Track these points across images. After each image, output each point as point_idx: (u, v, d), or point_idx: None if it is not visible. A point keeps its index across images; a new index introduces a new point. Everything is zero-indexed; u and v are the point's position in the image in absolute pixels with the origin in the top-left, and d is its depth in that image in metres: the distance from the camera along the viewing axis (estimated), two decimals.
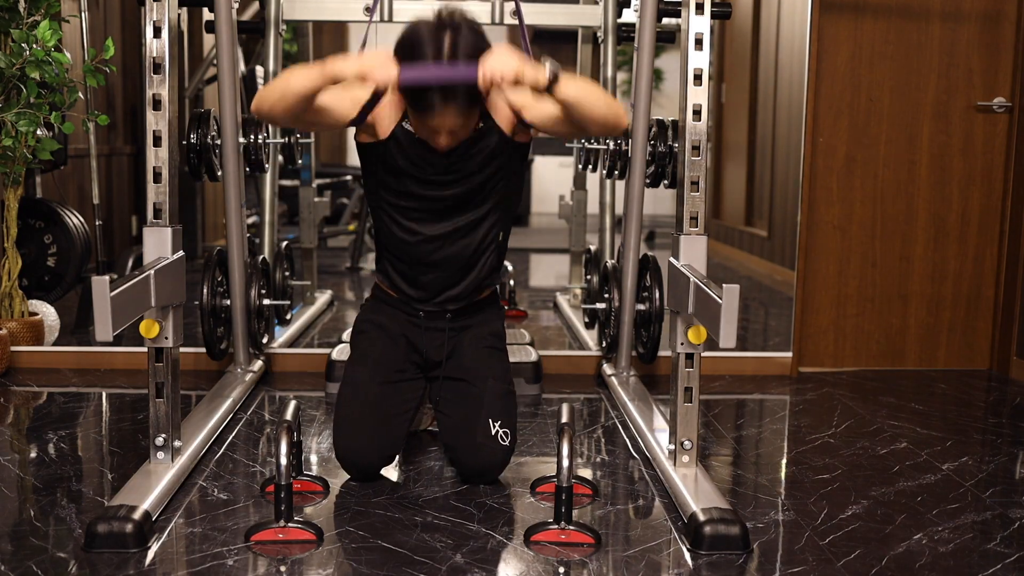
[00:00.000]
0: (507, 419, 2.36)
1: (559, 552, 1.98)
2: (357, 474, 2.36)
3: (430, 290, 2.43)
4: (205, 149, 3.16)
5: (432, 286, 2.42)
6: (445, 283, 2.42)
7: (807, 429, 2.93)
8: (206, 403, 2.85)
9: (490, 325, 2.49)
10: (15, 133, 3.28)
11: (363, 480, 2.36)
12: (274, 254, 3.62)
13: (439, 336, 2.45)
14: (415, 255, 2.39)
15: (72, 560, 1.91)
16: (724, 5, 3.02)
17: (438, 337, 2.45)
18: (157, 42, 2.44)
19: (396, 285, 2.46)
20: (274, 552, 1.95)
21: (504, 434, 2.34)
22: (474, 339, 2.45)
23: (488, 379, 2.39)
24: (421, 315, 2.44)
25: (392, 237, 2.40)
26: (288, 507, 2.00)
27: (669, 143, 3.16)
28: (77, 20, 4.18)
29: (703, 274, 2.31)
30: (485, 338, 2.46)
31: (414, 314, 2.45)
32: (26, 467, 2.47)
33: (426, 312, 2.44)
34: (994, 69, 3.59)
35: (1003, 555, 2.03)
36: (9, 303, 3.50)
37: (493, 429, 2.33)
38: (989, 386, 3.52)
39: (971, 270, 3.68)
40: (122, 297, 1.95)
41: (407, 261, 2.41)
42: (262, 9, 3.71)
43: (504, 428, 2.34)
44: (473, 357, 2.43)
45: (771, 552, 2.02)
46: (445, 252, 2.38)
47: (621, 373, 3.25)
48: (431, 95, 2.10)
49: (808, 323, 3.66)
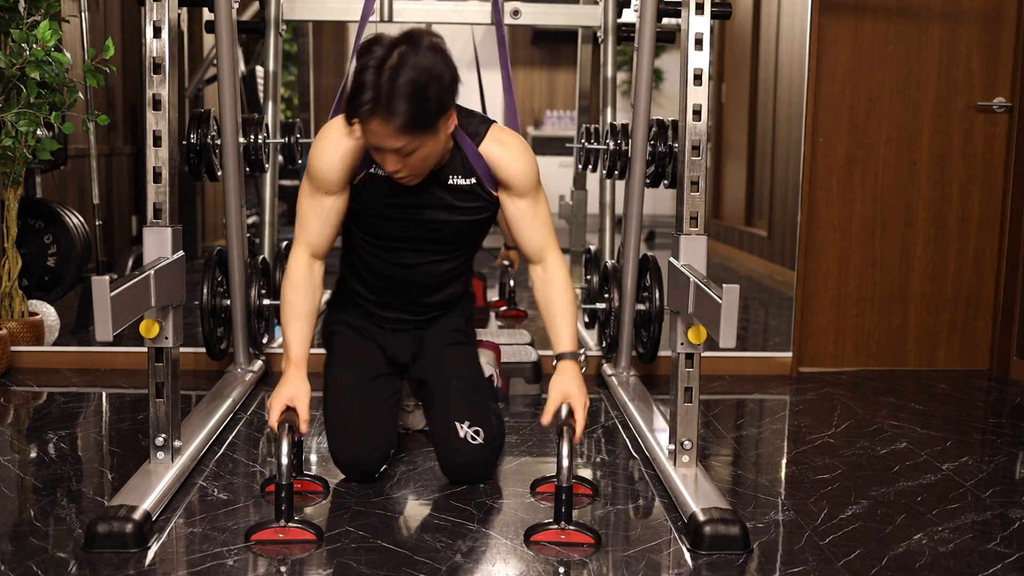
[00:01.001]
0: (476, 416, 2.34)
1: (559, 552, 1.98)
2: (358, 476, 2.36)
3: (395, 306, 2.44)
4: (205, 149, 3.16)
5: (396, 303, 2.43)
6: (411, 300, 2.43)
7: (807, 429, 2.93)
8: (206, 403, 2.85)
9: (453, 320, 2.49)
10: (15, 133, 3.28)
11: (363, 481, 2.36)
12: (274, 254, 3.61)
13: (403, 337, 2.46)
14: (382, 271, 2.39)
15: (72, 560, 1.90)
16: (724, 5, 3.02)
17: (402, 338, 2.46)
18: (157, 42, 2.43)
19: (359, 293, 2.46)
20: (274, 552, 1.95)
21: (475, 433, 2.32)
22: (437, 336, 2.46)
23: (451, 379, 2.39)
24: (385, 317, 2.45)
25: (357, 249, 2.40)
26: (289, 507, 2.00)
27: (669, 143, 3.16)
28: (77, 20, 4.18)
29: (703, 274, 2.31)
30: (448, 334, 2.46)
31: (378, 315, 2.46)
32: (26, 467, 2.47)
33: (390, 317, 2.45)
34: (994, 69, 3.59)
35: (1003, 555, 2.03)
36: (9, 303, 3.50)
37: (461, 431, 2.32)
38: (989, 386, 3.52)
39: (971, 270, 3.68)
40: (122, 297, 1.95)
41: (374, 274, 2.41)
42: (262, 9, 3.70)
43: (474, 427, 2.32)
44: (436, 356, 2.43)
45: (771, 552, 2.02)
46: (411, 274, 2.38)
47: (621, 373, 3.25)
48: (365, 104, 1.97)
49: (808, 323, 3.66)
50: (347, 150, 2.20)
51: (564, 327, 2.28)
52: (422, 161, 2.11)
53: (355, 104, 1.98)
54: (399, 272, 2.37)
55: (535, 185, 2.29)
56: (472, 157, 2.24)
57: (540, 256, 2.33)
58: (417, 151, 2.06)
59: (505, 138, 2.27)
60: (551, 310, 2.30)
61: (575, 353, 2.24)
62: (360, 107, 1.97)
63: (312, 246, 2.29)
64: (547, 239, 2.32)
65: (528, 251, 2.34)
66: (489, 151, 2.24)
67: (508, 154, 2.25)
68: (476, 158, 2.24)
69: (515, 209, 2.30)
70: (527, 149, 2.29)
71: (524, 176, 2.26)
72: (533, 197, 2.29)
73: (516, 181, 2.26)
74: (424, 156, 2.09)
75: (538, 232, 2.31)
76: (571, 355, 2.24)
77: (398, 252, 2.34)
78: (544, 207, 2.32)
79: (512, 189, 2.27)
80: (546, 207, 2.33)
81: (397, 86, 1.95)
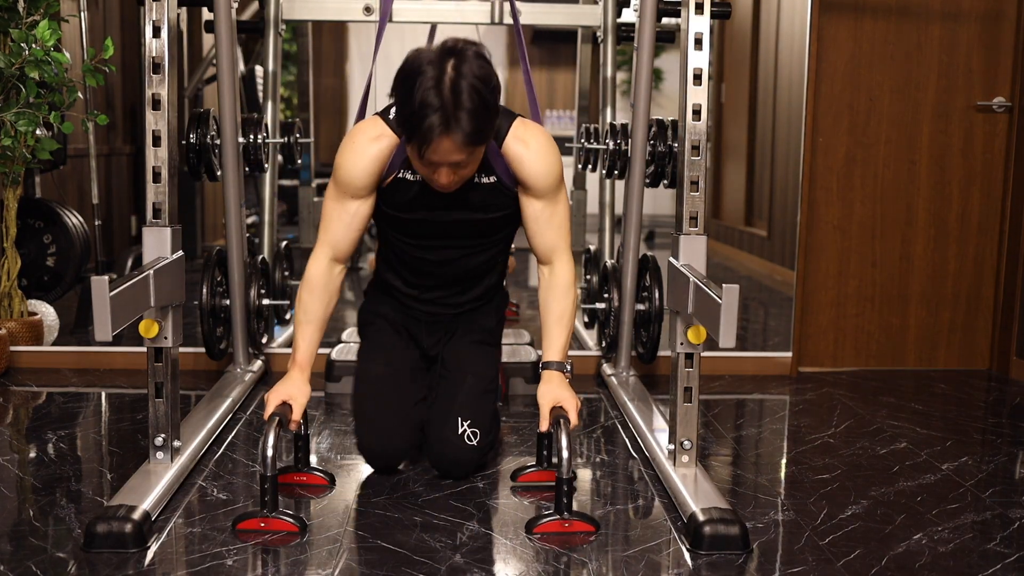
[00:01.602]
0: (478, 419, 2.35)
1: (563, 541, 1.99)
2: (381, 465, 2.40)
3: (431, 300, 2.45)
4: (204, 149, 3.16)
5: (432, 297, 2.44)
6: (446, 294, 2.44)
7: (807, 429, 2.92)
8: (205, 403, 2.85)
9: (483, 319, 2.49)
10: (14, 133, 3.27)
11: (386, 471, 2.40)
12: (274, 254, 3.61)
13: (439, 331, 2.47)
14: (417, 267, 2.40)
15: (71, 560, 1.90)
16: (724, 5, 3.02)
17: (437, 332, 2.47)
18: (156, 42, 2.43)
19: (396, 287, 2.47)
20: (257, 542, 1.95)
21: (472, 434, 2.33)
22: (464, 332, 2.47)
23: (468, 375, 2.40)
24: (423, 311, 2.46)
25: (391, 245, 2.41)
26: (273, 498, 2.03)
27: (669, 143, 3.16)
28: (76, 20, 4.17)
29: (703, 274, 2.31)
30: (475, 332, 2.47)
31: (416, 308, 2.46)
32: (26, 467, 2.47)
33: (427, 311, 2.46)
34: (994, 69, 3.59)
35: (1003, 555, 2.03)
36: (8, 303, 3.50)
37: (460, 428, 2.33)
38: (989, 386, 3.51)
39: (971, 270, 3.68)
40: (121, 297, 1.95)
41: (409, 269, 2.42)
42: (262, 9, 3.70)
43: (473, 428, 2.33)
44: (458, 351, 2.45)
45: (771, 552, 2.01)
46: (446, 270, 2.39)
47: (621, 373, 3.25)
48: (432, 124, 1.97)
49: (808, 323, 3.66)
50: (376, 155, 2.20)
51: (556, 335, 2.29)
52: (472, 170, 2.13)
53: (423, 127, 1.96)
54: (434, 268, 2.38)
55: (555, 187, 2.26)
56: (492, 156, 2.22)
57: (548, 258, 2.33)
58: (472, 162, 2.09)
59: (529, 136, 2.23)
60: (547, 316, 2.32)
61: (561, 364, 2.27)
62: (431, 130, 1.96)
63: (335, 249, 2.29)
64: (558, 242, 2.31)
65: (537, 252, 2.33)
66: (510, 151, 2.22)
67: (529, 154, 2.22)
68: (496, 157, 2.22)
69: (531, 209, 2.29)
70: (550, 148, 2.25)
71: (543, 178, 2.24)
72: (551, 199, 2.27)
73: (535, 182, 2.24)
74: (475, 164, 2.11)
75: (551, 235, 2.30)
76: (557, 365, 2.27)
77: (430, 249, 2.35)
78: (562, 209, 2.29)
79: (530, 190, 2.26)
80: (564, 209, 2.30)
81: (461, 102, 1.95)
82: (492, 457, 2.52)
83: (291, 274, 3.72)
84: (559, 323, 2.29)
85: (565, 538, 2.03)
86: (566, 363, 2.27)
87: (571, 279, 2.32)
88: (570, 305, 2.31)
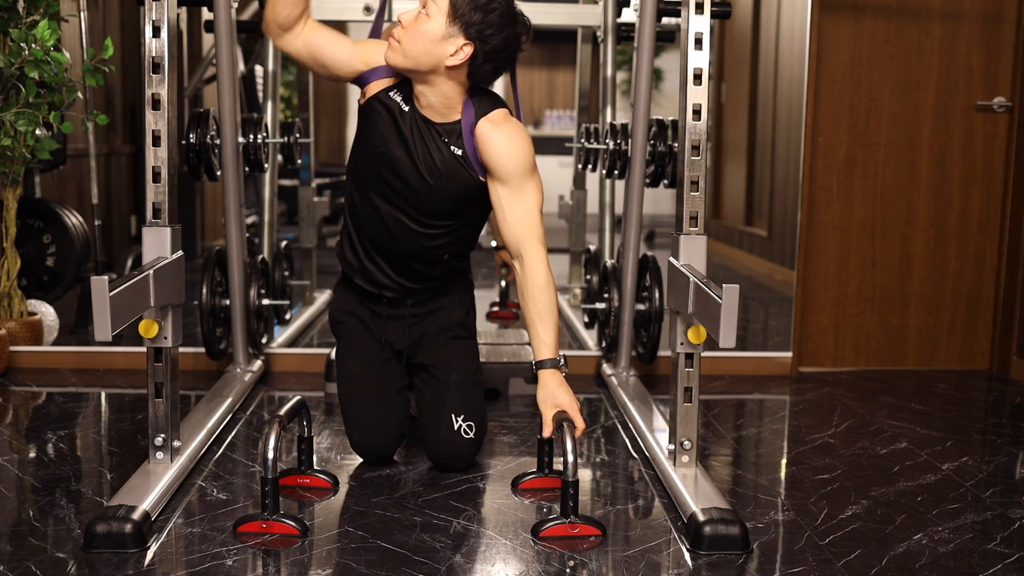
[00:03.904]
0: (471, 412, 2.43)
1: (569, 546, 1.99)
2: (375, 458, 2.48)
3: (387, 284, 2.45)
4: (204, 149, 3.16)
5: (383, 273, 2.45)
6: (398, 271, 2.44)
7: (807, 429, 2.92)
8: (205, 403, 2.85)
9: (451, 314, 2.50)
10: (14, 133, 3.27)
11: (380, 463, 2.47)
12: (273, 254, 3.61)
13: (400, 324, 2.49)
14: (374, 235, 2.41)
15: (71, 560, 1.90)
16: (724, 5, 3.02)
17: (399, 325, 2.49)
18: (156, 42, 2.43)
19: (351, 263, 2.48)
20: (258, 544, 1.95)
21: (468, 427, 2.41)
22: (438, 329, 2.49)
23: (452, 372, 2.45)
24: (384, 301, 2.47)
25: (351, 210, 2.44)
26: (273, 501, 2.02)
27: (669, 143, 3.16)
28: (76, 20, 4.17)
29: (703, 274, 2.30)
30: (450, 328, 2.49)
31: (377, 301, 2.48)
32: (25, 467, 2.46)
33: (388, 299, 2.47)
34: (994, 69, 3.59)
35: (1003, 555, 2.03)
36: (8, 303, 3.50)
37: (456, 424, 2.40)
38: (989, 386, 3.51)
39: (971, 270, 3.68)
40: (121, 297, 1.95)
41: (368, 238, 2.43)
42: (262, 9, 3.70)
43: (468, 422, 2.41)
44: (437, 348, 2.48)
45: (771, 552, 2.01)
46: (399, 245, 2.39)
47: (621, 373, 3.25)
48: None
49: (808, 323, 3.66)
50: (374, 49, 2.32)
51: (541, 332, 2.27)
52: (411, 37, 2.18)
53: None
54: (389, 240, 2.39)
55: (520, 175, 2.26)
56: (466, 132, 2.26)
57: (517, 251, 2.30)
58: (431, 23, 2.16)
59: (501, 121, 2.26)
60: (527, 315, 2.30)
61: (555, 360, 2.26)
62: None
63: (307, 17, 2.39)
64: (525, 233, 2.28)
65: (507, 243, 2.32)
66: (480, 129, 2.26)
67: (495, 136, 2.25)
68: (469, 135, 2.26)
69: (495, 195, 2.30)
70: (519, 136, 2.27)
71: (506, 161, 2.25)
72: (517, 187, 2.27)
73: (497, 164, 2.25)
74: (418, 32, 2.17)
75: (516, 226, 2.28)
76: (551, 363, 2.25)
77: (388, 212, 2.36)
78: (530, 198, 2.28)
79: (493, 173, 2.27)
80: (532, 201, 2.28)
81: None
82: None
83: (291, 274, 3.72)
84: (541, 320, 2.27)
85: (572, 543, 2.02)
86: (559, 358, 2.26)
87: (544, 274, 2.28)
88: (547, 300, 2.28)
